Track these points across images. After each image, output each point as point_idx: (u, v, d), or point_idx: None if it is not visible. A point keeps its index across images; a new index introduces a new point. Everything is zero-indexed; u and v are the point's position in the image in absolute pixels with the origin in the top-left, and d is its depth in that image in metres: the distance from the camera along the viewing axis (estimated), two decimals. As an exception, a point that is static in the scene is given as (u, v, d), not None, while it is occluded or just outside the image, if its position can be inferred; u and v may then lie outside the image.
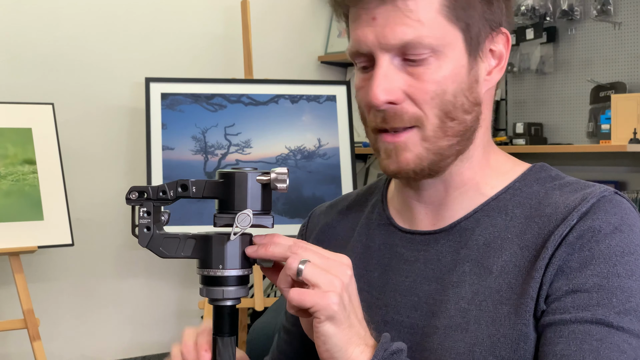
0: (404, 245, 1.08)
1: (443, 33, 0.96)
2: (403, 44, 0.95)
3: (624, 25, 3.46)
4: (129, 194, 0.90)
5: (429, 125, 0.98)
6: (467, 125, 1.00)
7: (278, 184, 0.88)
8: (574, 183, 1.03)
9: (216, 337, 0.89)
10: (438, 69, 0.97)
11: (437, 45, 0.96)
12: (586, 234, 0.95)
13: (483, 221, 1.03)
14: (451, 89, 0.98)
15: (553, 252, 0.95)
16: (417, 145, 0.98)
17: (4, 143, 2.83)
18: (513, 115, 3.91)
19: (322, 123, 3.31)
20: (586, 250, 0.94)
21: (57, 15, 3.30)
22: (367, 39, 0.97)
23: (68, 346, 3.35)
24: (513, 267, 0.98)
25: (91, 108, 3.39)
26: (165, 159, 3.14)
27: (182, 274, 3.65)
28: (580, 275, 0.93)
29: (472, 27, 0.98)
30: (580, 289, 0.93)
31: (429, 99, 0.97)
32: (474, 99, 1.01)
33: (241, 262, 0.88)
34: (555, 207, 0.99)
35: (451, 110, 0.98)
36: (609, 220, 0.96)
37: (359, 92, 1.02)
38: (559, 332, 0.92)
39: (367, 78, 1.00)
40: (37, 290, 3.16)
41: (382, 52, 0.96)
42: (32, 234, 2.79)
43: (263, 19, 3.79)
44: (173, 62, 3.57)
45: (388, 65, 0.97)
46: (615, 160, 3.42)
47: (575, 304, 0.93)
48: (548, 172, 1.06)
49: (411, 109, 0.97)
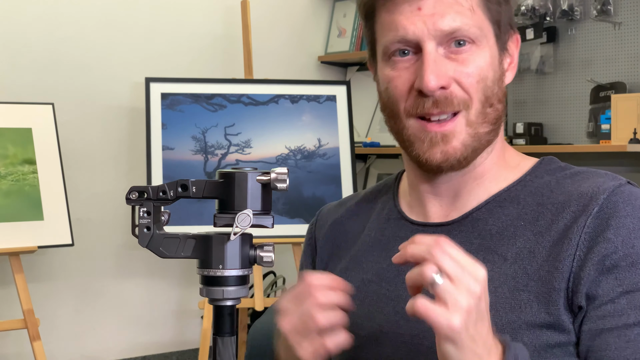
0: None
1: (482, 24, 1.02)
2: (452, 31, 0.99)
3: (624, 25, 3.46)
4: (129, 194, 0.90)
5: (473, 110, 1.01)
6: (499, 114, 1.05)
7: (278, 184, 0.88)
8: (584, 172, 1.06)
9: (216, 337, 0.89)
10: (479, 56, 1.01)
11: (478, 35, 1.01)
12: (621, 229, 0.96)
13: (495, 211, 1.05)
14: (490, 76, 1.02)
15: (578, 243, 0.97)
16: (462, 132, 1.01)
17: (4, 143, 2.83)
18: (513, 115, 3.91)
19: (322, 123, 3.31)
20: (629, 247, 0.96)
21: (57, 16, 3.30)
22: (415, 28, 1.00)
23: (68, 346, 3.35)
24: (528, 253, 0.99)
25: (91, 108, 3.39)
26: (165, 159, 3.14)
27: (182, 274, 3.65)
28: (629, 276, 0.95)
29: (501, 23, 1.04)
30: (633, 289, 0.95)
31: (475, 83, 1.01)
32: (503, 90, 1.06)
33: (241, 262, 0.88)
34: (569, 194, 1.02)
35: (490, 96, 1.02)
36: (636, 214, 0.98)
37: (394, 80, 1.03)
38: (623, 336, 0.93)
39: (406, 67, 1.02)
40: (37, 290, 3.16)
41: (430, 39, 1.00)
42: (32, 234, 2.79)
43: (263, 19, 3.79)
44: (173, 62, 3.57)
45: (435, 52, 1.00)
46: (615, 160, 3.42)
47: (632, 305, 0.94)
48: (557, 164, 1.10)
49: (459, 93, 1.01)
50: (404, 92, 1.02)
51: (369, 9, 1.06)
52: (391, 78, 1.03)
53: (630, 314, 0.94)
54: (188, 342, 3.68)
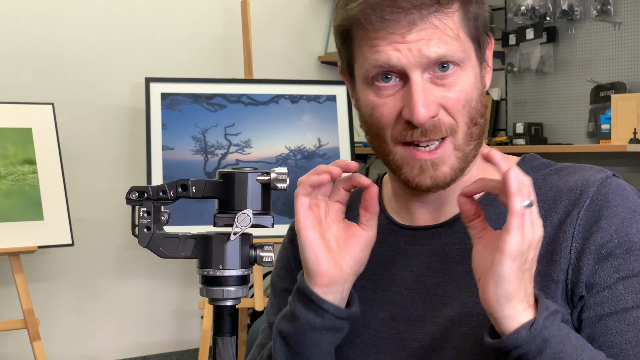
0: (407, 241, 1.09)
1: (465, 45, 1.01)
2: (437, 58, 0.98)
3: (624, 25, 3.46)
4: (129, 194, 0.89)
5: (460, 133, 1.01)
6: (483, 128, 1.05)
7: (278, 184, 0.88)
8: (569, 167, 1.08)
9: (216, 337, 0.89)
10: (464, 78, 1.01)
11: (462, 58, 1.00)
12: (614, 219, 0.98)
13: (487, 210, 1.04)
14: (475, 96, 1.02)
15: (573, 235, 0.99)
16: (451, 156, 1.01)
17: (4, 143, 2.83)
18: (513, 115, 3.91)
19: (322, 123, 3.31)
20: (623, 235, 0.98)
21: (57, 16, 3.30)
22: (400, 55, 0.98)
23: (68, 346, 3.35)
24: None
25: (91, 108, 3.39)
26: (165, 159, 3.14)
27: (182, 274, 3.65)
28: (624, 263, 0.97)
29: (480, 37, 1.03)
30: (629, 275, 0.97)
31: (461, 108, 1.00)
32: (484, 104, 1.05)
33: (241, 262, 0.88)
34: (558, 190, 1.03)
35: (475, 116, 1.02)
36: (626, 204, 1.00)
37: (380, 108, 1.02)
38: (623, 320, 0.96)
39: (391, 94, 1.01)
40: (37, 290, 3.16)
41: (416, 67, 0.98)
42: (32, 234, 2.79)
43: (263, 19, 3.79)
44: (173, 62, 3.57)
45: (422, 80, 0.99)
46: (615, 160, 3.43)
47: (629, 290, 0.97)
48: (540, 161, 1.11)
49: (447, 119, 1.00)
50: (391, 119, 1.01)
51: (346, 35, 1.04)
52: (376, 105, 1.02)
53: (628, 298, 0.96)
54: (188, 342, 3.68)
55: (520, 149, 3.52)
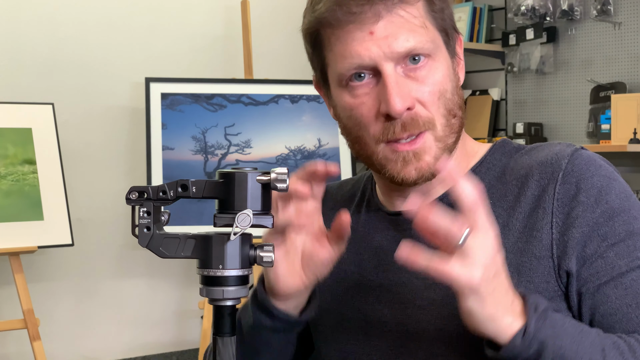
0: (394, 227, 1.11)
1: (434, 37, 1.02)
2: (408, 51, 0.99)
3: (624, 25, 3.46)
4: (129, 194, 0.89)
5: (439, 125, 1.02)
6: (462, 120, 1.06)
7: (278, 184, 0.88)
8: (537, 146, 1.10)
9: (216, 337, 0.89)
10: (436, 70, 1.02)
11: (433, 49, 1.01)
12: (591, 190, 1.00)
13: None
14: (449, 88, 1.03)
15: (552, 211, 1.00)
16: (433, 147, 1.02)
17: (4, 143, 2.83)
18: (513, 115, 3.92)
19: (322, 123, 3.31)
20: (603, 203, 1.00)
21: (57, 16, 3.30)
22: (371, 52, 0.99)
23: (68, 346, 3.35)
24: (503, 229, 1.02)
25: (91, 108, 3.39)
26: (165, 159, 3.14)
27: (182, 274, 3.65)
28: (610, 230, 0.99)
29: (448, 30, 1.05)
30: (616, 241, 0.99)
31: (436, 100, 1.01)
32: (460, 96, 1.07)
33: (241, 262, 0.88)
34: (529, 166, 1.05)
35: (452, 107, 1.03)
36: (600, 172, 1.03)
37: (358, 108, 1.02)
38: (620, 285, 0.97)
39: (366, 92, 1.02)
40: (37, 290, 3.16)
41: (387, 61, 0.99)
42: (32, 234, 2.79)
43: (263, 19, 3.79)
44: (173, 62, 3.57)
45: (395, 73, 1.00)
46: (615, 160, 3.42)
47: (619, 255, 0.98)
48: (511, 145, 1.12)
49: (423, 112, 1.01)
50: (370, 119, 1.02)
51: (316, 37, 1.05)
52: (353, 106, 1.03)
53: (621, 263, 0.98)
54: (188, 342, 3.68)
55: (520, 149, 3.52)
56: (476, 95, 4.01)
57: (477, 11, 3.89)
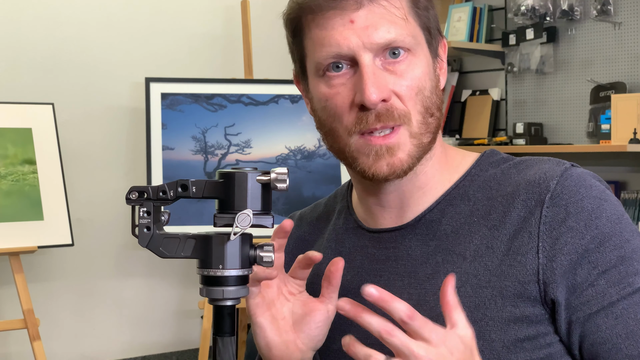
0: (374, 245, 1.09)
1: (415, 32, 1.01)
2: (387, 43, 0.98)
3: (624, 25, 3.46)
4: (129, 194, 0.89)
5: (415, 122, 1.00)
6: (439, 122, 1.04)
7: (278, 184, 0.88)
8: (527, 160, 1.07)
9: (216, 337, 0.89)
10: (415, 66, 1.00)
11: (413, 44, 1.00)
12: (581, 213, 0.97)
13: (447, 210, 1.05)
14: (428, 86, 1.01)
15: (538, 234, 0.97)
16: (407, 143, 1.00)
17: (4, 143, 2.83)
18: (513, 115, 3.91)
19: (322, 123, 3.31)
20: (593, 228, 0.97)
21: (57, 16, 3.30)
22: (350, 42, 0.98)
23: (68, 346, 3.35)
24: (486, 249, 1.00)
25: (91, 108, 3.39)
26: (165, 159, 3.14)
27: (182, 274, 3.65)
28: (601, 257, 0.96)
29: (431, 30, 1.04)
30: (608, 268, 0.96)
31: (414, 95, 1.00)
32: (439, 97, 1.05)
33: (241, 262, 0.88)
34: (516, 184, 1.02)
35: (430, 106, 1.02)
36: (590, 194, 0.99)
37: (333, 98, 1.01)
38: (611, 314, 0.95)
39: (343, 83, 1.00)
40: (37, 290, 3.16)
41: (365, 52, 0.98)
42: (32, 234, 2.79)
43: (263, 19, 3.79)
44: (173, 62, 3.57)
45: (373, 64, 0.98)
46: (615, 160, 3.42)
47: (610, 283, 0.96)
48: (499, 155, 1.10)
49: (399, 106, 0.99)
50: (344, 109, 1.00)
51: (296, 24, 1.04)
52: (328, 96, 1.01)
53: (612, 292, 0.96)
54: (188, 342, 3.68)
55: (520, 149, 3.52)
56: (476, 95, 4.01)
57: (477, 11, 3.89)
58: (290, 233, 1.22)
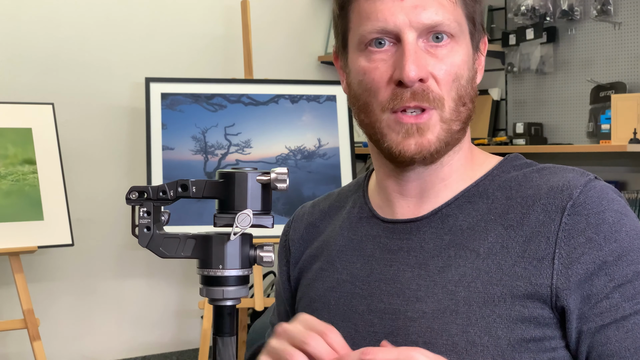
0: (387, 235, 1.09)
1: (461, 20, 1.02)
2: (433, 25, 0.99)
3: (624, 25, 3.46)
4: (129, 194, 0.89)
5: (447, 108, 1.01)
6: (470, 113, 1.05)
7: (278, 184, 0.88)
8: (550, 167, 1.07)
9: (216, 337, 0.89)
10: (456, 53, 1.01)
11: (457, 31, 1.01)
12: (602, 225, 0.97)
13: (465, 207, 1.05)
14: (465, 75, 1.02)
15: (556, 241, 0.97)
16: (436, 126, 1.01)
17: (4, 143, 2.83)
18: (513, 115, 3.92)
19: (322, 123, 3.31)
20: (612, 242, 0.97)
21: (57, 16, 3.30)
22: (397, 19, 0.99)
23: (68, 346, 3.35)
24: (500, 248, 1.00)
25: (91, 108, 3.39)
26: (165, 159, 3.14)
27: (182, 274, 3.65)
28: (619, 269, 0.97)
29: (475, 22, 1.04)
30: (624, 282, 0.96)
31: (450, 81, 1.01)
32: (474, 90, 1.05)
33: (241, 262, 0.88)
34: (537, 188, 1.02)
35: (463, 95, 1.02)
36: (612, 207, 0.99)
37: (371, 73, 1.01)
38: (622, 328, 0.95)
39: (383, 59, 1.01)
40: (37, 290, 3.16)
41: (411, 30, 0.99)
42: (32, 234, 2.79)
43: (263, 19, 3.79)
44: (173, 62, 3.58)
45: (415, 43, 0.99)
46: (615, 160, 3.43)
47: (625, 297, 0.96)
48: (523, 160, 1.10)
49: (435, 89, 1.00)
50: (381, 84, 1.01)
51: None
52: (367, 70, 1.02)
53: (625, 306, 0.96)
54: (188, 342, 3.68)
55: (520, 149, 3.52)
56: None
57: (477, 11, 3.89)
58: (302, 219, 1.23)
